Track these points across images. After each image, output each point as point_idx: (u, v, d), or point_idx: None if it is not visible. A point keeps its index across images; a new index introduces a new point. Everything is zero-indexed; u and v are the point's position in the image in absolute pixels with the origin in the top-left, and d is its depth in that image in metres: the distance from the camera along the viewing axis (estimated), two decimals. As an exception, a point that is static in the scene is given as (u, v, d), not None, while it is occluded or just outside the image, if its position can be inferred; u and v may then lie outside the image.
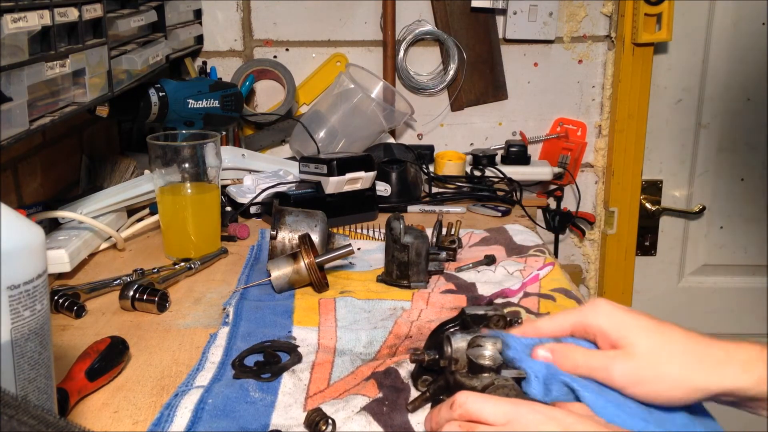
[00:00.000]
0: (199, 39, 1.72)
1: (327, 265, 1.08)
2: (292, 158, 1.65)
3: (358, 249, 1.20)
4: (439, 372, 0.73)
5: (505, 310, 0.87)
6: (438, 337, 0.73)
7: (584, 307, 0.67)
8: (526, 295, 1.01)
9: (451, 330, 0.73)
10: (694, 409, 0.64)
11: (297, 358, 0.84)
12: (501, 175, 1.62)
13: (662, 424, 0.61)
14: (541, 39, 1.76)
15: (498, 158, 1.70)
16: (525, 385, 0.66)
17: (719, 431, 0.63)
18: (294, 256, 1.04)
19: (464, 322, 0.73)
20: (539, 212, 1.79)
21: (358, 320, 0.95)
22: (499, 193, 1.55)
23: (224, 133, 1.52)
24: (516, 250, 1.20)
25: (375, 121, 1.65)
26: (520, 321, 0.76)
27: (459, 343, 0.69)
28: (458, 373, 0.68)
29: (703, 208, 1.92)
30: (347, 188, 1.36)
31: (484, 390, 0.65)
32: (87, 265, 1.16)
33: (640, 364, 0.62)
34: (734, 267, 1.94)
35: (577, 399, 0.63)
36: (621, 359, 0.62)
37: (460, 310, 0.74)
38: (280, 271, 1.03)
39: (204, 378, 0.79)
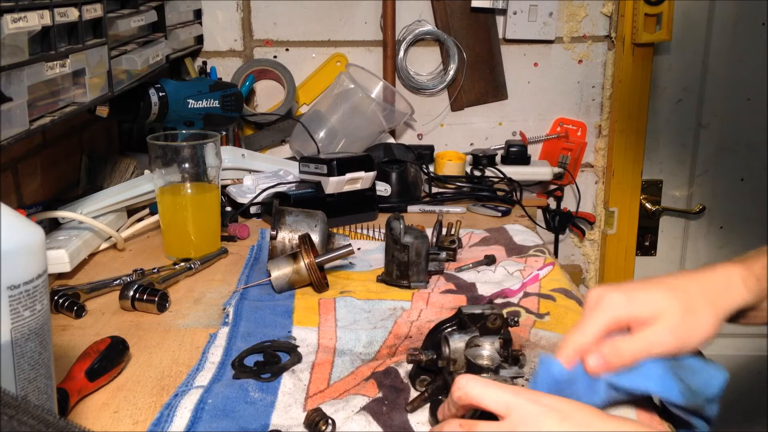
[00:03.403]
0: (199, 39, 1.72)
1: (327, 265, 1.08)
2: (292, 158, 1.65)
3: (358, 249, 1.20)
4: (437, 372, 0.73)
5: (505, 311, 0.87)
6: (435, 337, 0.73)
7: (600, 306, 0.68)
8: (526, 295, 1.01)
9: (449, 330, 0.73)
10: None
11: (297, 358, 0.84)
12: (501, 175, 1.62)
13: (692, 375, 0.67)
14: (541, 39, 1.76)
15: (498, 158, 1.70)
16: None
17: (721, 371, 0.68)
18: (294, 256, 1.04)
19: (461, 321, 0.73)
20: (539, 212, 1.79)
21: (358, 320, 0.95)
22: (499, 193, 1.55)
23: (224, 133, 1.52)
24: (516, 250, 1.20)
25: (375, 121, 1.65)
26: (517, 321, 0.76)
27: (457, 343, 0.69)
28: (456, 374, 0.68)
29: (703, 208, 1.92)
30: (347, 188, 1.36)
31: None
32: (87, 265, 1.16)
33: (684, 321, 0.67)
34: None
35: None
36: (666, 327, 0.66)
37: (457, 309, 0.74)
38: (280, 271, 1.03)
39: (204, 378, 0.79)
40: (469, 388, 0.61)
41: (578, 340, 0.67)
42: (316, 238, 1.10)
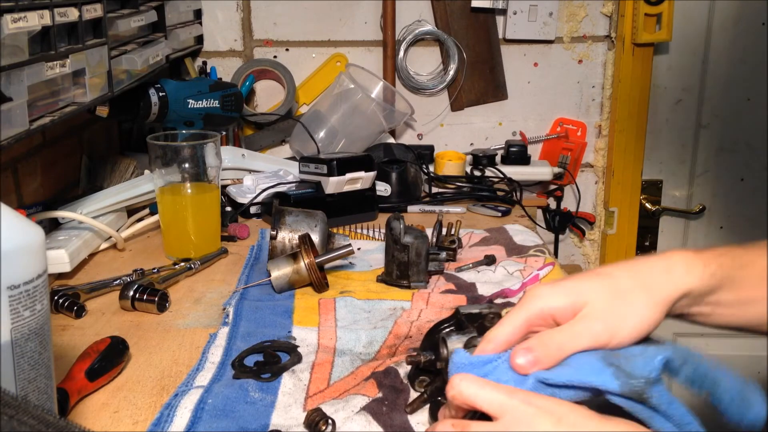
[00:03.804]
0: (199, 39, 1.72)
1: (327, 265, 1.08)
2: (292, 158, 1.65)
3: (358, 249, 1.20)
4: (436, 373, 0.73)
5: (504, 311, 0.87)
6: (434, 337, 0.73)
7: (525, 301, 0.64)
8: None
9: (446, 331, 0.72)
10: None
11: (297, 358, 0.84)
12: (501, 175, 1.62)
13: (627, 361, 0.60)
14: (541, 39, 1.76)
15: (498, 158, 1.70)
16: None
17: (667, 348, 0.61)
18: (294, 256, 1.04)
19: (459, 322, 0.73)
20: (539, 212, 1.79)
21: (358, 320, 0.95)
22: (499, 193, 1.55)
23: (224, 133, 1.52)
24: (516, 250, 1.20)
25: (375, 121, 1.65)
26: None
27: (455, 344, 0.69)
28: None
29: (703, 208, 1.92)
30: (347, 188, 1.36)
31: None
32: (87, 265, 1.16)
33: (612, 305, 0.61)
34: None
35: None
36: (590, 317, 0.61)
37: (455, 309, 0.74)
38: (280, 271, 1.03)
39: (204, 378, 0.79)
40: (463, 387, 0.59)
41: (496, 334, 0.63)
42: (316, 238, 1.10)
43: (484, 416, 0.60)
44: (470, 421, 0.61)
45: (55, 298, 0.98)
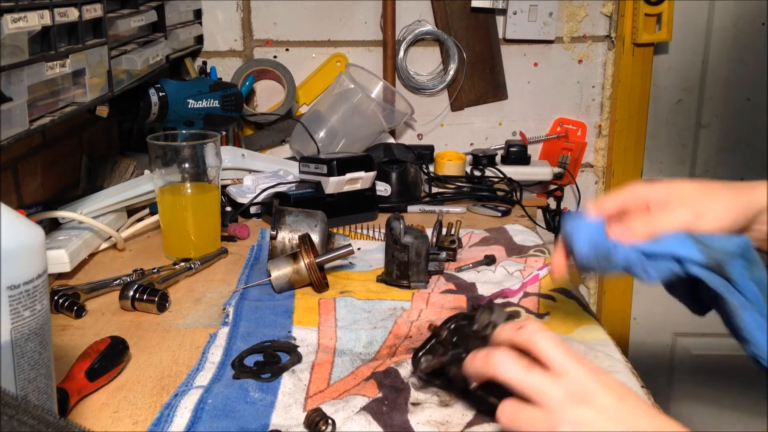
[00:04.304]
0: (199, 39, 1.72)
1: (327, 265, 1.08)
2: (292, 158, 1.65)
3: (358, 249, 1.20)
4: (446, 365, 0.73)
5: (505, 310, 0.87)
6: (448, 327, 0.73)
7: (624, 188, 0.74)
8: (526, 295, 1.01)
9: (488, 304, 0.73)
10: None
11: (297, 358, 0.84)
12: (501, 175, 1.62)
13: (711, 240, 0.70)
14: (541, 39, 1.76)
15: (498, 158, 1.70)
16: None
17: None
18: (294, 256, 1.04)
19: (490, 306, 0.73)
20: (539, 212, 1.79)
21: (357, 320, 0.95)
22: (499, 193, 1.55)
23: (224, 133, 1.52)
24: (516, 250, 1.20)
25: (375, 121, 1.65)
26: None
27: (499, 316, 0.70)
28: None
29: (703, 208, 1.91)
30: (347, 188, 1.36)
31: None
32: (87, 265, 1.16)
33: (698, 200, 0.71)
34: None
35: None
36: (680, 204, 0.71)
37: (480, 305, 0.74)
38: (280, 271, 1.03)
39: (204, 378, 0.79)
40: (539, 336, 0.62)
41: (601, 204, 0.73)
42: (316, 238, 1.10)
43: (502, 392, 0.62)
44: (533, 365, 0.61)
45: (55, 298, 0.98)
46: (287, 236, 1.10)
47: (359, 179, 1.35)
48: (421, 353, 0.76)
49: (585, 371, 0.60)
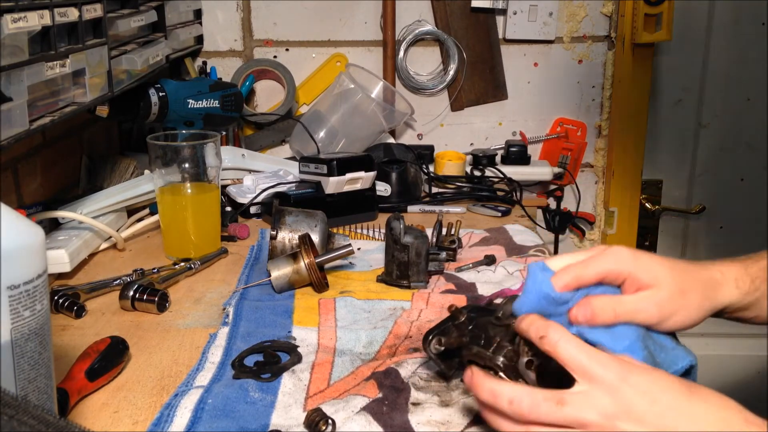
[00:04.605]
0: (199, 39, 1.72)
1: (327, 265, 1.08)
2: (292, 158, 1.65)
3: (358, 249, 1.20)
4: (458, 348, 0.73)
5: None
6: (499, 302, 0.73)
7: (606, 254, 0.70)
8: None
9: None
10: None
11: (297, 358, 0.84)
12: (501, 175, 1.62)
13: (660, 350, 0.69)
14: (541, 39, 1.76)
15: (498, 158, 1.70)
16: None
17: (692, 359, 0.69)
18: (294, 256, 1.04)
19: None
20: (539, 212, 1.79)
21: (357, 320, 0.95)
22: (499, 193, 1.55)
23: (224, 133, 1.52)
24: (516, 250, 1.20)
25: (375, 121, 1.65)
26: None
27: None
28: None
29: (703, 208, 1.92)
30: (347, 188, 1.36)
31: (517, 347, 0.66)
32: (87, 265, 1.16)
33: (672, 298, 0.69)
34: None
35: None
36: (655, 297, 0.68)
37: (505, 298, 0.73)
38: (280, 271, 1.03)
39: (204, 378, 0.79)
40: (561, 343, 0.62)
41: (580, 272, 0.69)
42: (316, 238, 1.10)
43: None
44: (564, 392, 0.61)
45: (55, 298, 0.98)
46: (287, 236, 1.10)
47: (359, 179, 1.35)
48: (435, 332, 0.76)
49: (614, 375, 0.60)
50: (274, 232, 1.10)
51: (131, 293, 0.98)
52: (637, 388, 0.59)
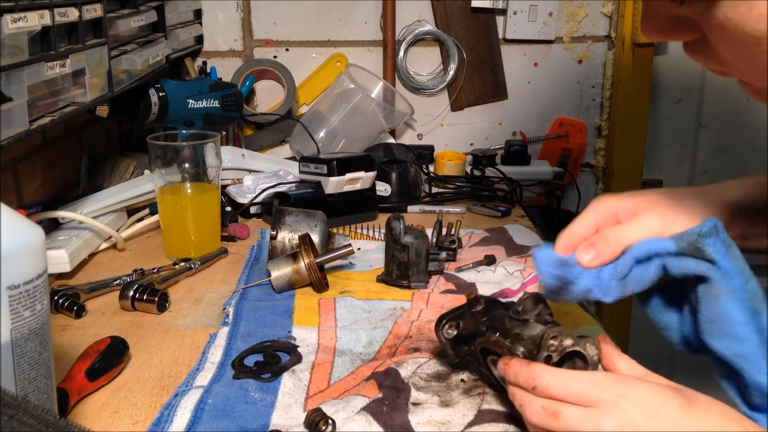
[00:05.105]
0: (199, 39, 1.72)
1: (327, 265, 1.08)
2: (292, 158, 1.65)
3: (358, 249, 1.20)
4: (469, 336, 0.73)
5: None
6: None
7: (593, 204, 0.72)
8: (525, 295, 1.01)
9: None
10: None
11: (297, 358, 0.84)
12: (501, 175, 1.62)
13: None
14: (541, 39, 1.76)
15: (498, 158, 1.70)
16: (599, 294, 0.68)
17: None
18: (294, 256, 1.04)
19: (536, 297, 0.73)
20: (539, 212, 1.79)
21: (358, 320, 0.95)
22: (499, 193, 1.55)
23: (224, 133, 1.52)
24: (516, 250, 1.20)
25: (375, 121, 1.65)
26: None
27: (544, 311, 0.69)
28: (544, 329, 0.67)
29: (703, 208, 1.91)
30: (347, 188, 1.36)
31: (540, 340, 0.65)
32: (87, 265, 1.16)
33: (666, 207, 0.69)
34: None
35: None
36: (649, 213, 0.69)
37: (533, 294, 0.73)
38: (280, 271, 1.03)
39: (204, 378, 0.79)
40: (551, 381, 0.61)
41: (570, 232, 0.70)
42: (316, 238, 1.10)
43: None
44: (562, 404, 0.61)
45: (55, 298, 0.98)
46: (287, 236, 1.10)
47: (359, 179, 1.35)
48: (449, 317, 0.76)
49: (611, 394, 0.59)
50: (274, 232, 1.10)
51: (131, 293, 0.98)
52: (636, 404, 0.59)
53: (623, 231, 0.68)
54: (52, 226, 1.18)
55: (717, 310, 0.64)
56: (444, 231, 1.19)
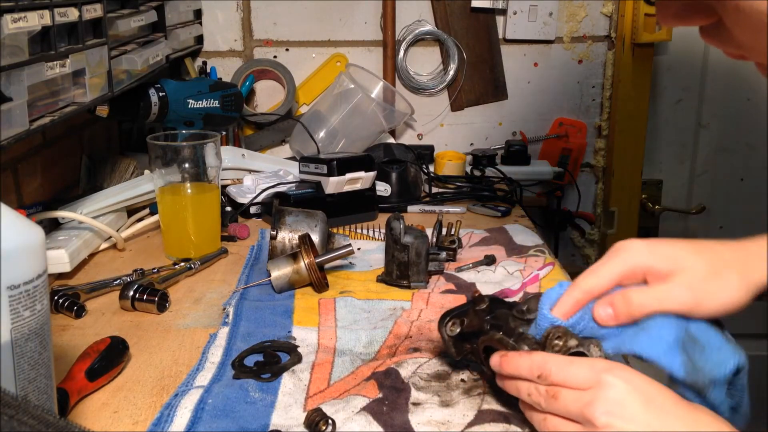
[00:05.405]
0: (199, 39, 1.72)
1: (327, 265, 1.08)
2: (292, 158, 1.65)
3: (358, 249, 1.20)
4: (472, 334, 0.73)
5: None
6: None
7: (619, 252, 0.65)
8: (526, 295, 1.01)
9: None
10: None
11: (297, 358, 0.84)
12: (501, 175, 1.62)
13: (702, 353, 0.63)
14: (541, 39, 1.76)
15: (498, 158, 1.70)
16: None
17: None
18: (294, 256, 1.04)
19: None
20: (539, 212, 1.79)
21: (357, 320, 0.95)
22: (499, 193, 1.55)
23: (224, 133, 1.52)
24: (516, 250, 1.20)
25: (375, 121, 1.65)
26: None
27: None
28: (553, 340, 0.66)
29: (703, 208, 1.91)
30: (347, 188, 1.36)
31: (544, 340, 0.65)
32: (87, 265, 1.16)
33: (705, 278, 0.63)
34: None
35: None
36: (681, 286, 0.62)
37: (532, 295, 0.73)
38: (280, 271, 1.03)
39: (204, 378, 0.79)
40: (553, 367, 0.61)
41: (590, 283, 0.64)
42: (316, 238, 1.10)
43: None
44: (560, 388, 0.61)
45: (55, 298, 0.98)
46: (287, 236, 1.10)
47: (359, 179, 1.35)
48: (453, 314, 0.76)
49: (612, 377, 0.59)
50: (274, 232, 1.10)
51: (131, 293, 0.98)
52: (634, 388, 0.59)
53: (648, 300, 0.63)
54: (52, 226, 1.18)
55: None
56: (444, 231, 1.19)
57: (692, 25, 0.57)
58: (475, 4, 1.72)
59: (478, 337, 0.72)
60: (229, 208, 1.37)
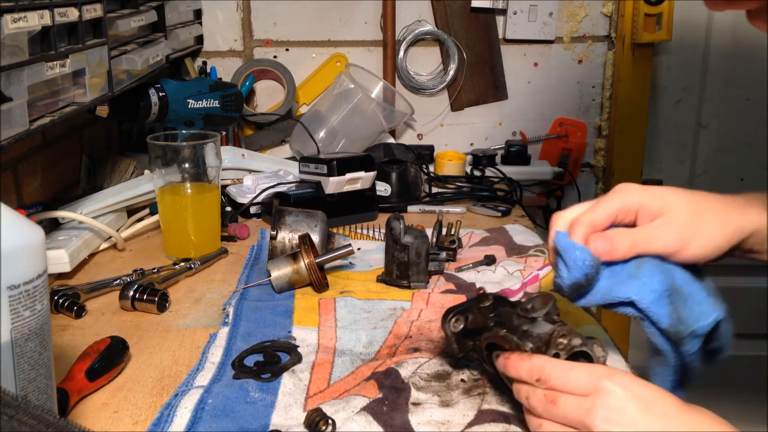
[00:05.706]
0: (199, 39, 1.72)
1: (327, 265, 1.08)
2: (292, 158, 1.65)
3: (358, 249, 1.20)
4: (476, 331, 0.73)
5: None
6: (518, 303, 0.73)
7: (616, 192, 0.71)
8: (527, 295, 1.01)
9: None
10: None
11: (297, 358, 0.84)
12: (501, 175, 1.62)
13: (685, 304, 0.67)
14: (541, 39, 1.76)
15: (498, 158, 1.70)
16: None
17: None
18: (294, 256, 1.04)
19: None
20: (539, 212, 1.79)
21: (358, 320, 0.95)
22: (499, 193, 1.55)
23: (224, 133, 1.52)
24: (516, 250, 1.20)
25: (375, 121, 1.65)
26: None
27: (553, 311, 0.70)
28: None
29: (703, 208, 1.91)
30: (347, 188, 1.36)
31: (549, 338, 0.66)
32: (87, 265, 1.16)
33: (689, 220, 0.68)
34: (734, 267, 1.93)
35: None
36: (668, 225, 0.68)
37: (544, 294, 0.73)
38: (280, 271, 1.03)
39: (204, 378, 0.79)
40: (553, 370, 0.62)
41: (591, 218, 0.69)
42: (316, 238, 1.10)
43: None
44: (559, 393, 0.62)
45: (55, 298, 0.98)
46: (287, 236, 1.10)
47: (359, 179, 1.35)
48: (456, 311, 0.76)
49: (611, 383, 0.60)
50: (274, 232, 1.10)
51: (131, 293, 0.98)
52: (632, 395, 0.60)
53: (639, 238, 0.68)
54: (52, 226, 1.18)
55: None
56: (444, 231, 1.19)
57: (742, 9, 0.59)
58: (475, 4, 1.72)
59: (481, 334, 0.72)
60: (229, 208, 1.37)
